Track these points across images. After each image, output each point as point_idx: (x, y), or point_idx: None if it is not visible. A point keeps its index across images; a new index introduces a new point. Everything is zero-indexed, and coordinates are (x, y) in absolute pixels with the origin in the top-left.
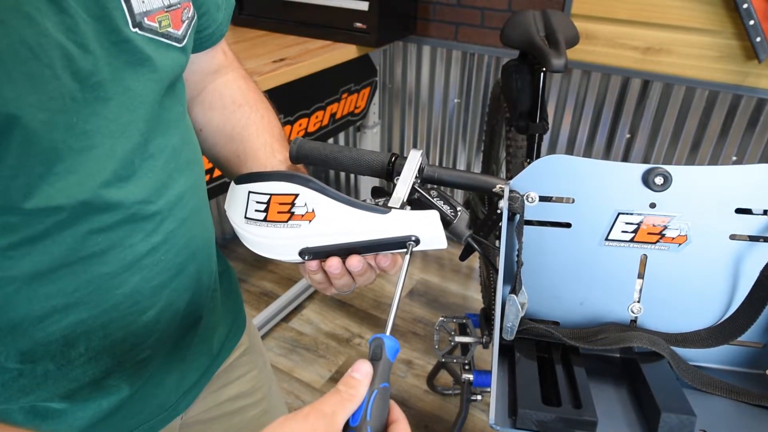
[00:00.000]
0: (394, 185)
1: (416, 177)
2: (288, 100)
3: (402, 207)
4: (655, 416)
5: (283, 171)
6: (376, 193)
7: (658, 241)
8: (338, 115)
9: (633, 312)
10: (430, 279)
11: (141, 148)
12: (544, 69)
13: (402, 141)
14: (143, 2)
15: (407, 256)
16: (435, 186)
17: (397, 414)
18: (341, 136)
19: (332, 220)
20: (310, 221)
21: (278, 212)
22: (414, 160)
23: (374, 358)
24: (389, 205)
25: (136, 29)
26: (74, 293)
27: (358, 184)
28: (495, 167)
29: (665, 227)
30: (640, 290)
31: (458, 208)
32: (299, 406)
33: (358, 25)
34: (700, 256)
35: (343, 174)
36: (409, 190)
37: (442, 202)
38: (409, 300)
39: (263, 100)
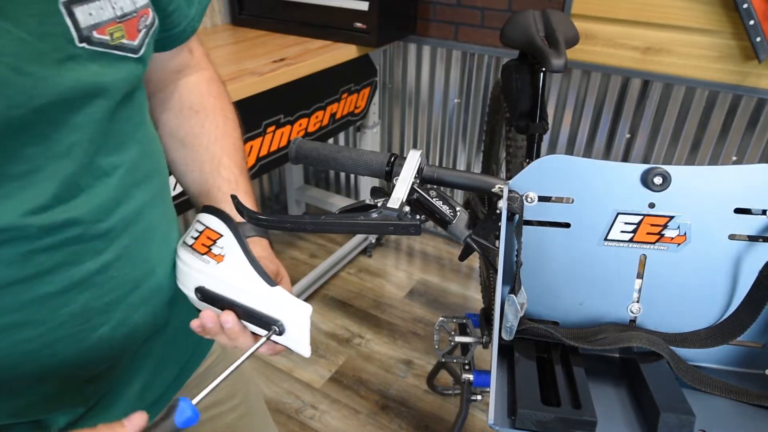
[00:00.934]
0: (394, 185)
1: (415, 177)
2: (288, 100)
3: (401, 207)
4: (654, 416)
5: (222, 211)
6: (376, 193)
7: (657, 241)
8: (338, 115)
9: (632, 312)
10: (430, 279)
11: (86, 168)
12: (544, 69)
13: (402, 141)
14: (91, 15)
15: (262, 340)
16: (434, 186)
17: None
18: (341, 136)
19: (232, 270)
20: (217, 263)
21: (202, 243)
22: (413, 161)
23: (162, 417)
24: (388, 205)
25: (84, 44)
26: (16, 313)
27: (358, 184)
28: (495, 167)
29: (664, 227)
30: (640, 290)
31: (457, 209)
32: (299, 407)
33: (358, 25)
34: (699, 256)
35: (343, 174)
36: (408, 191)
37: (441, 203)
38: (409, 300)
39: (223, 107)
